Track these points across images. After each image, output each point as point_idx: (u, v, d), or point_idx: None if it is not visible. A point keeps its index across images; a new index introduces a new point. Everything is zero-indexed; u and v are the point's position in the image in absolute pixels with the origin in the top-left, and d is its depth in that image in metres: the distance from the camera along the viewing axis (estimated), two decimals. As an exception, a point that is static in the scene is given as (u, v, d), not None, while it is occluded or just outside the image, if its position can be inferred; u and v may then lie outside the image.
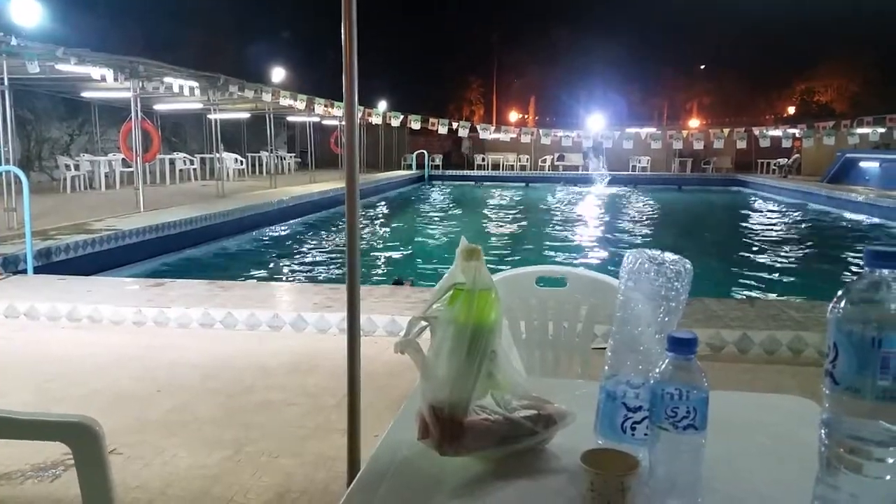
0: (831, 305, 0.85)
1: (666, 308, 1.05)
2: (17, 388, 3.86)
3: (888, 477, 0.82)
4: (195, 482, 2.83)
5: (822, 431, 0.87)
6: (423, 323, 1.11)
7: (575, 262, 10.41)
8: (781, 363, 4.41)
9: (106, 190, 15.77)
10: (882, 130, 18.25)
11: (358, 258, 2.57)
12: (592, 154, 28.24)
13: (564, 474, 1.06)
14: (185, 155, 19.65)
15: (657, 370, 0.96)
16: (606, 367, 1.11)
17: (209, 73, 13.42)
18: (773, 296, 8.26)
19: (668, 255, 1.09)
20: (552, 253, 11.20)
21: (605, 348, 1.13)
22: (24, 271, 6.52)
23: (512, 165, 30.68)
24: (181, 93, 12.94)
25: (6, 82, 9.73)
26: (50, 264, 7.17)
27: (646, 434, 1.03)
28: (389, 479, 1.05)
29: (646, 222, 16.29)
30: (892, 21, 33.04)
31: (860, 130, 18.33)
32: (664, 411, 0.94)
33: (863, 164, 21.11)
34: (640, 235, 13.65)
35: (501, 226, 15.01)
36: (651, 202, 21.14)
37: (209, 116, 17.78)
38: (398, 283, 10.32)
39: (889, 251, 0.82)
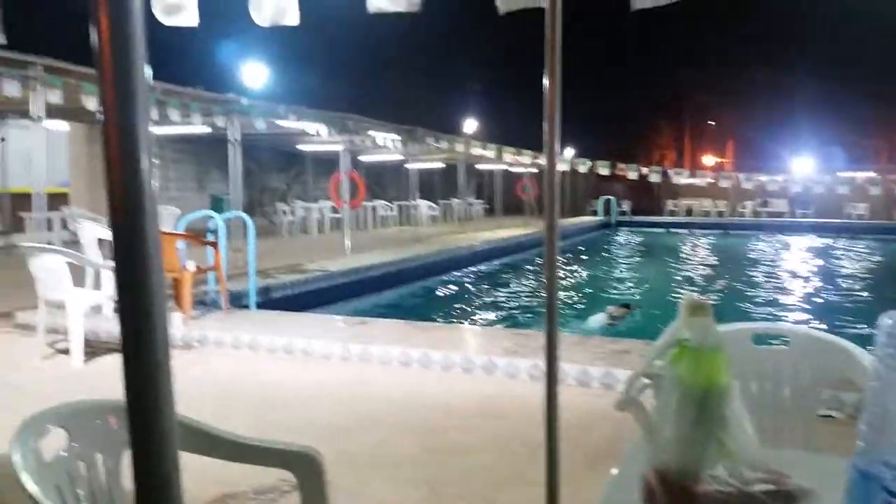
0: None
1: (935, 381, 0.94)
2: (239, 413, 4.27)
3: None
4: (395, 518, 2.93)
5: None
6: (646, 380, 1.08)
7: (785, 320, 9.57)
8: None
9: (317, 234, 17.24)
10: None
11: (555, 305, 2.56)
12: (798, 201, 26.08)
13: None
14: (384, 202, 21.00)
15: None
16: (860, 443, 1.00)
17: (408, 126, 14.31)
18: None
19: (938, 321, 0.97)
20: (758, 309, 10.38)
21: (830, 416, 1.03)
22: (248, 306, 7.25)
23: (707, 211, 29.17)
24: (384, 145, 13.90)
25: (239, 137, 11.05)
26: (269, 300, 7.92)
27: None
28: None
29: (866, 278, 14.63)
30: None
31: None
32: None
33: None
34: (860, 293, 12.27)
35: (697, 277, 14.24)
36: (871, 255, 18.99)
37: (407, 166, 18.91)
38: (625, 306, 10.23)
39: None
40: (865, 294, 12.06)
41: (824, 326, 8.83)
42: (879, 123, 39.55)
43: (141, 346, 0.79)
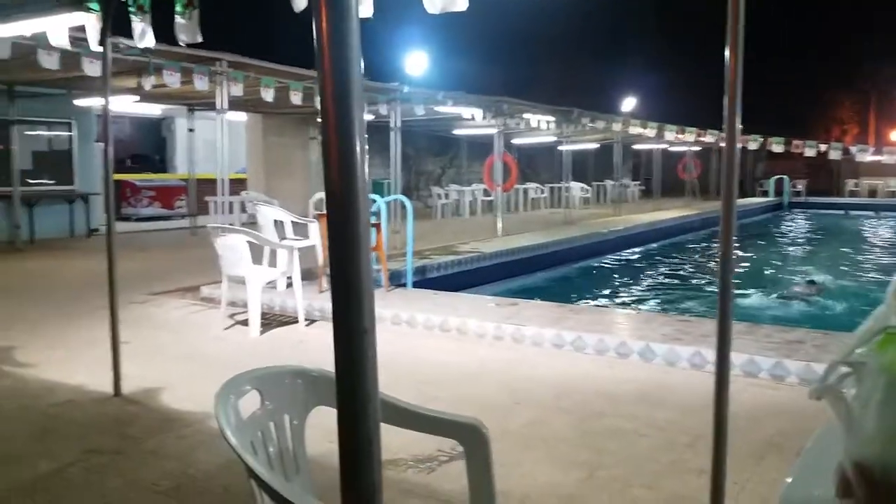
0: None
1: None
2: (401, 385, 4.45)
3: None
4: (551, 499, 2.94)
5: None
6: (847, 369, 1.00)
7: None
8: None
9: (469, 217, 17.54)
10: None
11: (731, 293, 2.44)
12: None
13: None
14: (536, 185, 20.89)
15: None
16: None
17: (564, 108, 14.09)
18: None
19: None
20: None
21: None
22: (405, 285, 7.53)
23: (893, 192, 26.34)
24: (538, 127, 13.80)
25: (399, 124, 11.45)
26: (425, 280, 8.18)
27: None
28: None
29: None
30: None
31: None
32: None
33: None
34: None
35: (879, 264, 12.92)
36: None
37: (560, 148, 18.66)
38: (811, 283, 9.77)
39: None
40: None
41: None
42: None
43: (351, 315, 0.87)
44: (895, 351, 0.97)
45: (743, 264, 12.87)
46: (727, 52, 2.29)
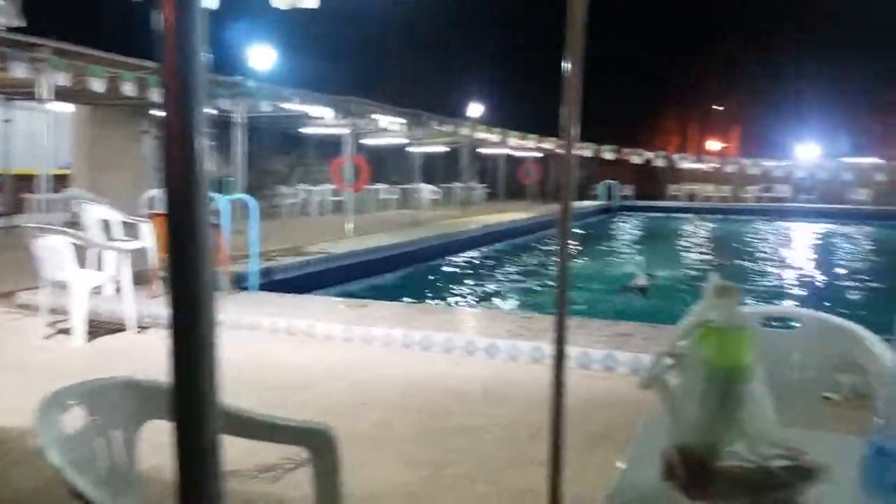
0: None
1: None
2: (243, 393, 4.25)
3: None
4: (397, 498, 2.95)
5: None
6: (670, 360, 1.08)
7: (787, 303, 9.59)
8: None
9: (318, 217, 17.24)
10: None
11: (567, 288, 2.56)
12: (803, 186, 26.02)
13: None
14: (386, 186, 20.95)
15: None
16: (877, 420, 1.01)
17: (413, 111, 14.25)
18: None
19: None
20: (760, 293, 10.39)
21: (829, 397, 1.03)
22: (250, 288, 7.26)
23: (709, 196, 29.13)
24: (387, 129, 13.85)
25: (243, 120, 11.02)
26: (271, 282, 7.92)
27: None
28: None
29: (869, 263, 14.64)
30: None
31: None
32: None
33: None
34: (863, 277, 12.28)
35: (699, 262, 14.23)
36: (875, 240, 18.98)
37: (410, 149, 18.87)
38: (641, 278, 10.45)
39: None
40: (869, 278, 12.06)
41: (829, 310, 8.83)
42: (885, 110, 39.36)
43: (189, 321, 0.82)
44: (713, 343, 1.06)
45: (578, 262, 13.66)
46: (566, 65, 2.39)
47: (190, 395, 0.85)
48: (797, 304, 9.61)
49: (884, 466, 0.97)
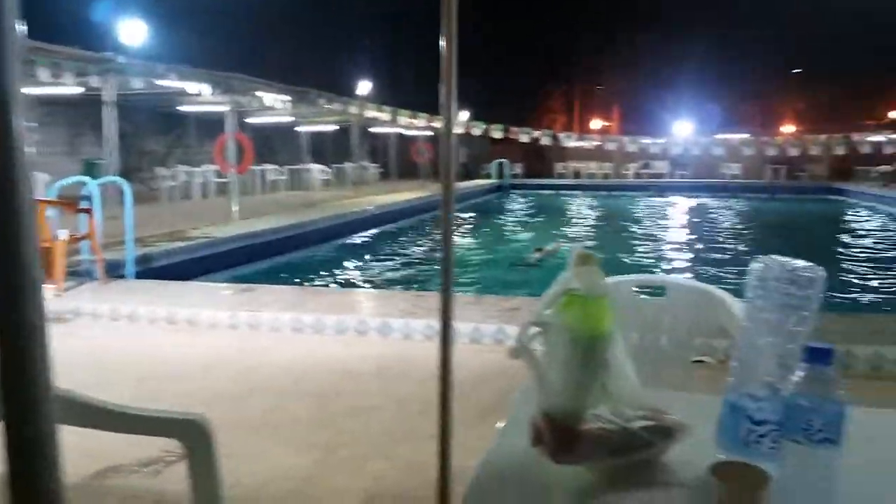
0: None
1: (797, 318, 1.00)
2: (120, 385, 4.05)
3: None
4: (289, 482, 2.89)
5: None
6: (536, 329, 1.09)
7: (665, 272, 10.13)
8: (889, 379, 4.15)
9: (201, 200, 16.54)
10: None
11: (452, 264, 2.57)
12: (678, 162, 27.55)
13: (682, 489, 1.02)
14: (274, 166, 20.36)
15: (791, 381, 0.91)
16: (730, 379, 1.06)
17: (300, 88, 13.87)
18: (878, 309, 7.78)
19: (800, 262, 1.03)
20: (639, 263, 10.93)
21: (703, 361, 1.08)
22: (126, 276, 6.88)
23: (594, 174, 30.25)
24: (273, 107, 13.42)
25: (114, 98, 10.35)
26: (149, 269, 7.53)
27: (771, 448, 0.98)
28: (502, 485, 1.04)
29: (738, 233, 15.70)
30: None
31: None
32: (799, 423, 0.89)
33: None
34: (732, 246, 13.16)
35: (585, 236, 14.78)
36: (744, 212, 20.37)
37: (298, 129, 18.39)
38: (538, 251, 10.74)
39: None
40: (737, 247, 12.93)
41: (700, 278, 9.41)
42: (753, 88, 42.12)
43: (15, 310, 0.76)
44: (576, 311, 1.08)
45: (473, 240, 13.87)
46: (442, 42, 2.38)
47: (18, 388, 0.79)
48: (672, 272, 10.17)
49: (736, 423, 1.03)
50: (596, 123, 44.31)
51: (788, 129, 36.86)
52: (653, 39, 40.49)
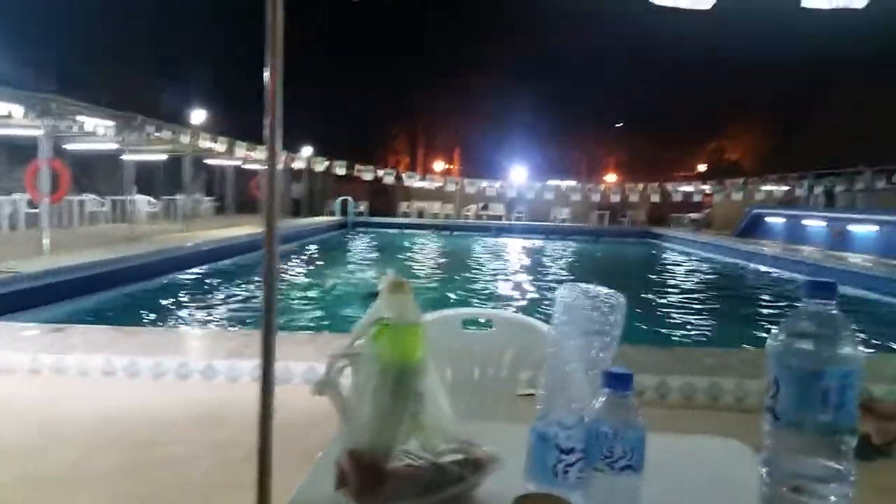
0: (770, 339, 0.82)
1: (600, 343, 1.01)
2: None
3: (830, 516, 0.78)
4: (89, 545, 2.58)
5: (764, 470, 0.83)
6: (344, 361, 1.02)
7: (500, 307, 10.45)
8: (698, 408, 4.48)
9: (9, 231, 14.91)
10: (786, 188, 19.44)
11: (275, 300, 2.45)
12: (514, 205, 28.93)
13: (493, 524, 0.99)
14: (94, 196, 18.84)
15: (592, 408, 0.90)
16: (538, 407, 1.05)
17: (125, 113, 13.00)
18: (688, 343, 8.49)
19: (602, 289, 1.05)
20: (477, 299, 11.22)
21: (530, 394, 1.07)
22: None
23: (437, 213, 30.92)
24: (94, 132, 12.44)
25: None
26: (-64, 308, 6.62)
27: (579, 477, 0.97)
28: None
29: (566, 271, 16.63)
30: (793, 83, 35.69)
31: (766, 187, 19.44)
32: (600, 451, 0.88)
33: (769, 220, 22.34)
34: (560, 283, 13.84)
35: (425, 273, 14.97)
36: (572, 253, 21.65)
37: (123, 157, 17.19)
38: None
39: (826, 282, 0.80)
40: (564, 283, 13.61)
41: (529, 312, 9.80)
42: (579, 138, 45.37)
43: None
44: (387, 340, 1.03)
45: (316, 277, 13.56)
46: (266, 75, 2.29)
47: None
48: (503, 307, 10.51)
49: (545, 452, 1.01)
50: (439, 165, 45.56)
51: (611, 177, 40.00)
52: (488, 85, 42.59)
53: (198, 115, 24.12)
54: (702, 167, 42.95)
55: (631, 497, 0.89)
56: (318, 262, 16.88)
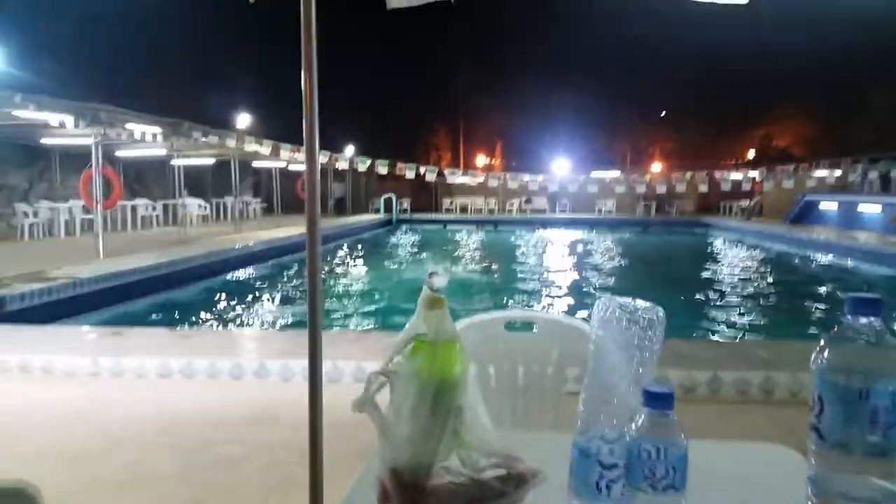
0: (814, 356, 0.80)
1: (640, 358, 1.00)
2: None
3: (881, 539, 0.76)
4: (148, 546, 2.66)
5: (810, 489, 0.81)
6: (383, 378, 1.03)
7: (545, 304, 10.39)
8: (752, 403, 4.39)
9: (66, 237, 15.45)
10: (838, 173, 18.83)
11: (319, 301, 2.49)
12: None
13: (536, 539, 0.99)
14: (147, 201, 19.37)
15: (633, 426, 0.90)
16: (579, 422, 1.04)
17: (172, 119, 13.33)
18: (741, 336, 8.31)
19: (640, 303, 1.03)
20: (521, 296, 11.17)
21: (577, 392, 1.07)
22: (-25, 322, 6.27)
23: (480, 209, 30.90)
24: (143, 139, 12.80)
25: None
26: (4, 313, 6.90)
27: (622, 494, 0.97)
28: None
29: (613, 264, 16.42)
30: (843, 67, 34.50)
31: (817, 173, 18.86)
32: (642, 471, 0.87)
33: (822, 206, 21.70)
34: (608, 277, 13.72)
35: (470, 269, 14.98)
36: (618, 245, 21.38)
37: (172, 163, 17.62)
38: (435, 279, 10.72)
39: (870, 298, 0.78)
40: (611, 277, 13.50)
41: (573, 309, 9.74)
42: (623, 128, 44.71)
43: None
44: (424, 357, 1.04)
45: (364, 274, 13.71)
46: (303, 75, 2.32)
47: None
48: (550, 304, 10.44)
49: (587, 467, 1.01)
50: (480, 160, 45.47)
51: (657, 167, 39.30)
52: (531, 79, 42.30)
53: (243, 119, 24.60)
54: (750, 154, 41.88)
55: (674, 516, 0.88)
56: (366, 259, 17.06)
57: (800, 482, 0.84)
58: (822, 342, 0.80)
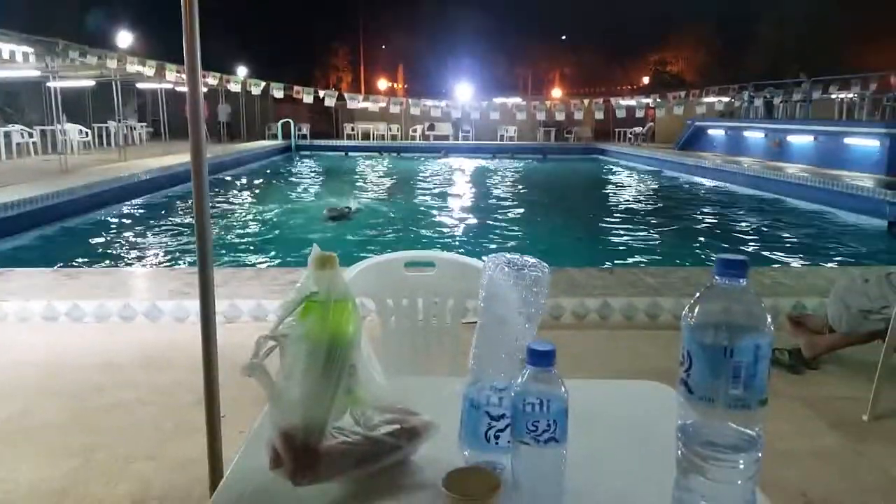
0: (684, 314, 0.84)
1: (526, 314, 1.02)
2: None
3: (739, 481, 0.83)
4: (40, 499, 2.58)
5: (679, 436, 0.87)
6: (272, 342, 1.01)
7: (446, 237, 10.47)
8: (639, 328, 4.66)
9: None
10: (726, 100, 19.69)
11: (209, 238, 2.40)
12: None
13: (429, 489, 1.02)
14: (21, 127, 17.87)
15: (517, 381, 0.93)
16: (469, 375, 1.07)
17: (45, 38, 12.20)
18: (630, 261, 8.72)
19: (528, 259, 1.05)
20: (425, 228, 11.19)
21: (475, 322, 1.08)
22: None
23: (383, 135, 30.43)
24: (12, 59, 11.68)
25: None
26: None
27: (509, 442, 1.01)
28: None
29: (512, 192, 16.71)
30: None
31: (707, 99, 19.65)
32: (525, 425, 0.91)
33: (710, 132, 22.70)
34: (507, 205, 13.96)
35: (372, 199, 14.84)
36: (517, 172, 21.71)
37: (49, 84, 16.24)
38: (344, 208, 11.00)
39: (737, 260, 0.82)
40: (510, 206, 13.75)
41: (480, 240, 9.91)
42: (524, 54, 44.71)
43: None
44: (316, 318, 1.02)
45: (260, 204, 13.31)
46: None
47: None
48: (451, 236, 10.55)
49: (476, 419, 1.04)
50: (383, 84, 44.47)
51: (557, 92, 39.81)
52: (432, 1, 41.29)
53: (124, 38, 22.80)
54: (645, 80, 43.01)
55: (556, 467, 0.93)
56: (263, 189, 16.54)
57: (674, 419, 0.89)
58: (692, 301, 0.84)
